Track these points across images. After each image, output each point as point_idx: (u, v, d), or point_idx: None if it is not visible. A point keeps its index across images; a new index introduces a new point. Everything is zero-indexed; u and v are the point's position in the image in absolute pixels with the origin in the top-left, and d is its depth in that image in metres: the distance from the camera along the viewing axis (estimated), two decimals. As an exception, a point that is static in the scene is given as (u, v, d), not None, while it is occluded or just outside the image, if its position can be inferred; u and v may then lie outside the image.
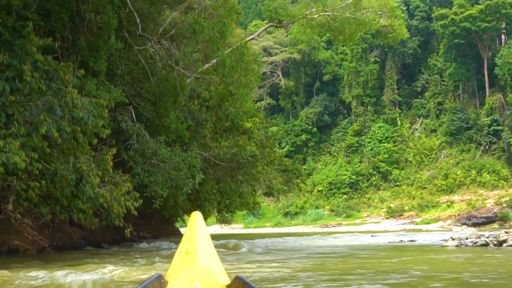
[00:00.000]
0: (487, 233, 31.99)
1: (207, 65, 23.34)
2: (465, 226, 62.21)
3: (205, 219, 41.81)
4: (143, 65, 20.57)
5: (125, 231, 17.37)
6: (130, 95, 21.20)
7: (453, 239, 29.50)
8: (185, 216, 44.11)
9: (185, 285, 4.21)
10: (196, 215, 4.88)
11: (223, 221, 44.79)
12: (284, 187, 27.72)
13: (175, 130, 21.36)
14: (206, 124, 23.28)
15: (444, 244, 24.46)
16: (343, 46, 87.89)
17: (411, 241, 30.80)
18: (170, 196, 20.64)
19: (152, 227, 39.78)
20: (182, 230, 70.51)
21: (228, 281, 4.30)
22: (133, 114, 20.22)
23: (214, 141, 23.78)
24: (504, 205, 64.22)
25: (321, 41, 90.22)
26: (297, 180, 30.29)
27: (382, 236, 36.84)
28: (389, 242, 30.02)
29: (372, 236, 37.71)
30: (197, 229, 4.74)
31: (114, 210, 15.76)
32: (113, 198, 15.65)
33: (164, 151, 19.38)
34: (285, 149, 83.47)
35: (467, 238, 28.62)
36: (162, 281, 4.19)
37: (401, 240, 30.97)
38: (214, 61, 23.64)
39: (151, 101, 21.70)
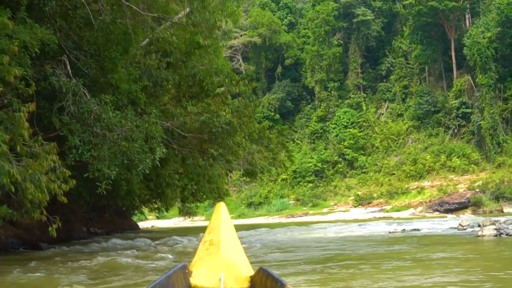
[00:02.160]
0: (502, 218, 27.00)
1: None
2: (437, 213, 58.51)
3: (166, 210, 36.13)
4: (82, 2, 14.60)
5: (49, 228, 11.29)
6: (67, 47, 15.16)
7: (462, 226, 24.39)
8: (144, 208, 38.48)
9: (209, 275, 4.14)
10: (221, 206, 5.06)
11: (187, 212, 39.11)
12: (267, 165, 21.87)
13: (126, 92, 15.37)
14: (167, 85, 17.29)
15: (479, 234, 18.91)
16: (305, 29, 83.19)
17: (414, 230, 25.48)
18: (121, 177, 14.75)
19: (105, 221, 33.70)
20: (141, 224, 65.18)
21: (252, 272, 4.27)
22: (69, 67, 14.19)
23: (178, 106, 17.78)
24: (477, 190, 60.36)
25: (282, 24, 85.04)
26: (283, 157, 24.34)
27: (372, 225, 31.44)
28: (390, 232, 24.65)
29: (359, 225, 32.29)
30: (221, 219, 4.76)
31: (28, 196, 9.81)
32: (27, 178, 9.71)
33: (112, 115, 13.45)
34: None
35: (479, 225, 23.53)
36: (187, 271, 4.17)
37: (404, 230, 25.52)
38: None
39: (94, 54, 15.71)
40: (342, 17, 79.68)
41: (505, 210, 54.32)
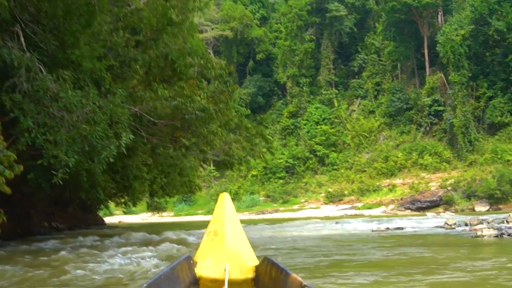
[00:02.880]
0: (489, 217, 25.53)
1: None
2: (408, 211, 57.54)
3: (133, 205, 34.10)
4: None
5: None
6: (22, 20, 13.18)
7: (449, 225, 22.85)
8: (110, 203, 36.39)
9: (214, 266, 4.13)
10: (224, 196, 4.83)
11: (155, 207, 37.09)
12: (245, 156, 19.83)
13: (89, 71, 13.43)
14: (136, 66, 15.36)
15: (478, 234, 17.24)
16: (277, 23, 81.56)
17: (398, 228, 23.88)
18: (82, 166, 12.85)
19: (69, 215, 31.58)
20: (108, 219, 62.90)
21: (257, 262, 4.25)
22: (22, 40, 12.24)
23: (148, 90, 15.81)
24: (448, 188, 59.59)
25: (254, 19, 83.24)
26: (263, 148, 22.16)
27: (350, 223, 29.70)
28: (373, 231, 23.01)
29: (337, 223, 30.57)
30: (225, 210, 4.63)
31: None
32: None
33: (71, 94, 11.54)
34: None
35: (466, 224, 22.02)
36: (191, 262, 4.14)
37: (388, 228, 23.88)
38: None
39: (54, 28, 13.75)
40: (315, 12, 77.94)
41: (477, 208, 53.93)
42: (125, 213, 69.87)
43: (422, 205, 58.23)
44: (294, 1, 76.89)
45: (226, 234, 4.38)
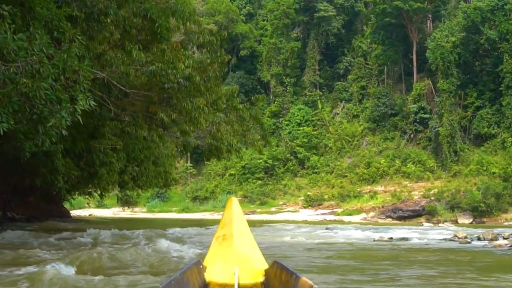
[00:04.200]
0: (505, 231, 22.52)
1: None
2: (389, 219, 55.02)
3: (100, 196, 30.49)
4: None
5: None
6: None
7: (461, 238, 19.73)
8: (76, 194, 32.81)
9: (223, 270, 4.09)
10: (233, 201, 4.89)
11: (126, 202, 33.61)
12: (237, 143, 16.14)
13: (44, 18, 10.04)
14: (106, 20, 11.97)
15: (496, 246, 14.11)
16: (264, 20, 78.60)
17: (402, 239, 20.64)
18: (25, 137, 9.49)
19: (29, 205, 27.98)
20: (78, 212, 59.36)
21: (266, 266, 4.24)
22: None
23: (120, 51, 12.33)
24: (432, 198, 57.08)
25: (240, 14, 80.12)
26: (257, 135, 18.14)
27: (343, 230, 26.36)
28: (375, 241, 19.79)
29: (327, 229, 27.36)
30: (233, 214, 4.68)
31: None
32: None
33: (10, 36, 8.22)
34: None
35: (479, 238, 18.92)
36: (201, 266, 4.12)
37: (391, 238, 20.63)
38: None
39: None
40: (303, 10, 75.04)
41: (460, 221, 51.76)
42: (97, 206, 67.34)
43: (403, 214, 55.66)
44: (282, -2, 74.09)
45: (235, 239, 4.30)
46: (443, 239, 21.16)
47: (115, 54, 11.75)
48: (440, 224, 44.50)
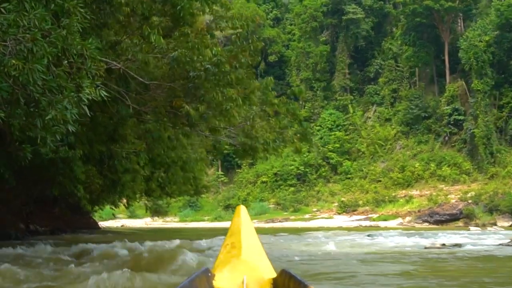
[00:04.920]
0: None
1: None
2: (426, 224, 53.07)
3: (128, 205, 28.83)
4: None
5: None
6: None
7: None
8: (100, 204, 31.24)
9: (231, 278, 4.01)
10: (241, 209, 4.81)
11: (156, 211, 32.04)
12: (274, 140, 13.88)
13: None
14: (120, 5, 10.26)
15: None
16: (291, 24, 77.03)
17: (455, 246, 18.73)
18: (22, 133, 7.91)
19: (53, 217, 26.56)
20: (109, 223, 58.10)
21: (274, 274, 4.14)
22: None
23: (137, 36, 10.57)
24: (469, 201, 54.98)
25: (267, 19, 78.62)
26: (295, 133, 15.50)
27: (386, 238, 24.31)
28: (426, 248, 17.93)
29: (369, 236, 25.40)
30: (241, 222, 4.59)
31: None
32: None
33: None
34: None
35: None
36: (209, 274, 4.05)
37: (443, 245, 18.73)
38: None
39: None
40: (330, 13, 73.33)
41: (499, 223, 49.98)
42: (129, 217, 66.56)
43: (441, 218, 53.78)
44: (309, 1, 72.42)
45: (243, 247, 4.17)
46: (499, 244, 19.24)
47: (131, 41, 10.12)
48: (489, 228, 42.55)
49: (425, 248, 17.83)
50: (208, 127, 11.52)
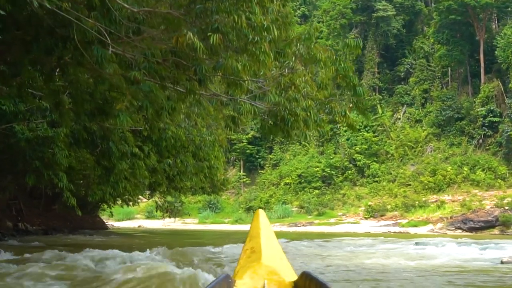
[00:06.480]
0: None
1: None
2: (459, 231, 49.27)
3: (128, 202, 24.83)
4: None
5: None
6: None
7: None
8: (113, 204, 27.50)
9: (252, 283, 3.86)
10: (259, 212, 4.74)
11: (167, 210, 28.19)
12: (319, 111, 9.75)
13: None
14: None
15: None
16: (319, 22, 73.56)
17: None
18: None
19: (52, 215, 22.91)
20: (125, 224, 54.73)
21: (295, 277, 3.94)
22: None
23: None
24: (506, 207, 50.71)
25: (295, 16, 75.28)
26: (345, 101, 11.37)
27: (438, 247, 20.25)
28: (503, 263, 13.99)
29: (416, 244, 21.45)
30: (261, 226, 4.53)
31: None
32: None
33: None
34: (250, 135, 69.81)
35: None
36: (230, 280, 3.81)
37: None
38: None
39: None
40: (360, 10, 70.01)
41: None
42: (147, 217, 63.94)
43: (475, 225, 50.02)
44: (338, -3, 69.25)
45: (263, 251, 4.06)
46: None
47: None
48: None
49: (502, 262, 13.90)
50: (225, 80, 7.60)
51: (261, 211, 4.75)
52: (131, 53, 7.11)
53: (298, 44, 8.91)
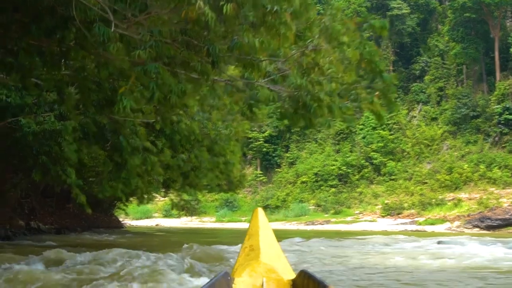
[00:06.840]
0: None
1: None
2: (477, 229, 48.29)
3: (141, 199, 23.92)
4: None
5: None
6: None
7: None
8: (127, 202, 26.85)
9: (250, 281, 3.94)
10: (258, 211, 4.76)
11: (183, 208, 27.44)
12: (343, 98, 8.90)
13: None
14: None
15: None
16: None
17: None
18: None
19: (66, 214, 22.25)
20: (144, 222, 54.15)
21: (293, 276, 4.04)
22: None
23: None
24: (523, 205, 49.75)
25: (310, 15, 74.76)
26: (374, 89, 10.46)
27: (464, 245, 19.27)
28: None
29: (439, 243, 20.53)
30: (259, 225, 4.57)
31: None
32: None
33: None
34: (266, 133, 69.40)
35: None
36: (229, 278, 3.89)
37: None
38: None
39: None
40: (375, 9, 69.45)
41: None
42: (164, 216, 63.53)
43: (492, 223, 48.94)
44: (353, -4, 68.50)
45: (261, 249, 4.12)
46: None
47: None
48: None
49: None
50: (241, 61, 6.78)
51: (260, 210, 4.77)
52: (137, 32, 6.35)
53: (324, 18, 8.02)
